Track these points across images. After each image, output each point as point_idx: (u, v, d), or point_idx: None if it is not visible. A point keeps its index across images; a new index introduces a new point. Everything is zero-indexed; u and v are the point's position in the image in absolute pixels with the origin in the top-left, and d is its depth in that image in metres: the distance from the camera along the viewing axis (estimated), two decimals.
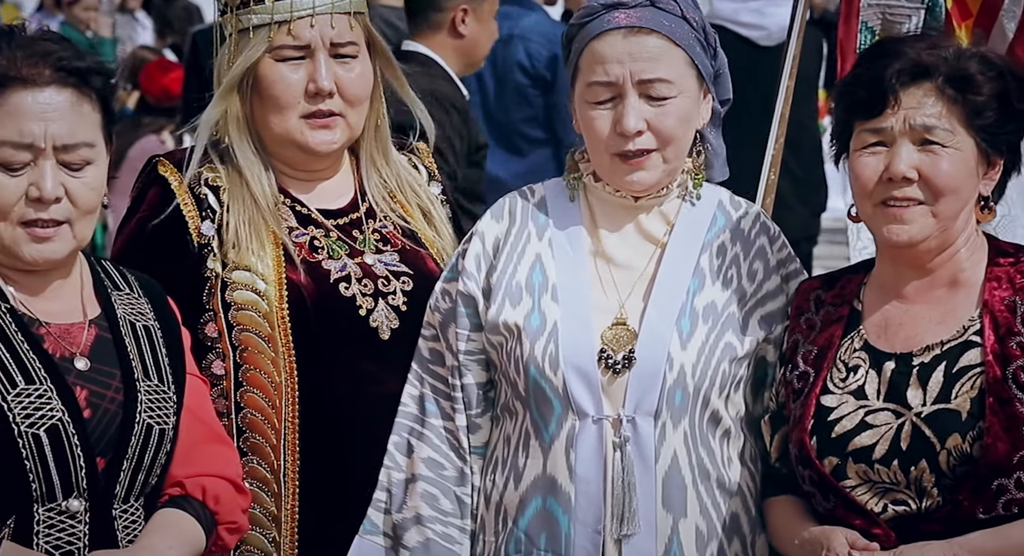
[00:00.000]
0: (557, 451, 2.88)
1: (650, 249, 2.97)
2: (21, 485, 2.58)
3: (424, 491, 2.96)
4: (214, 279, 2.97)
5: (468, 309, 2.97)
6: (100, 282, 2.78)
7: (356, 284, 3.02)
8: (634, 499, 2.84)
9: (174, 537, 2.70)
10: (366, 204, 3.10)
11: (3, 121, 2.60)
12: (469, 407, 2.98)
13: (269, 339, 2.96)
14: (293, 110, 3.00)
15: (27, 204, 2.61)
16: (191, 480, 2.76)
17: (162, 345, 2.77)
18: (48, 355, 2.64)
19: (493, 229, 3.01)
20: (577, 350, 2.88)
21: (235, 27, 3.00)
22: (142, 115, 8.29)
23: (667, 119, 2.90)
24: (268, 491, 2.97)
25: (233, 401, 2.97)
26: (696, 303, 2.92)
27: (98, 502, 2.64)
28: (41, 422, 2.59)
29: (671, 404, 2.87)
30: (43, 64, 2.62)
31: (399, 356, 3.00)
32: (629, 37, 2.89)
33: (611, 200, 2.97)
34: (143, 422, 2.68)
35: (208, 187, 3.01)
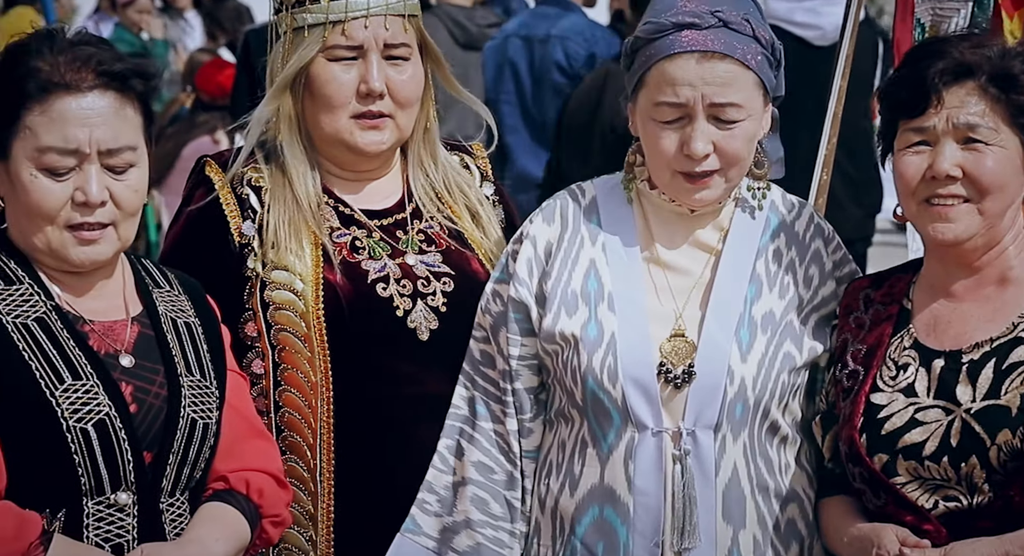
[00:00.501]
0: (615, 462, 2.87)
1: (706, 253, 2.96)
2: (70, 479, 2.61)
3: (474, 495, 2.96)
4: (254, 279, 2.99)
5: (519, 315, 2.96)
6: (142, 280, 2.81)
7: (394, 285, 3.02)
8: (695, 512, 2.83)
9: (220, 530, 2.72)
10: (412, 204, 3.11)
11: (48, 127, 2.62)
12: (521, 412, 2.98)
13: (305, 339, 2.97)
14: (344, 110, 3.01)
15: (73, 208, 2.64)
16: (235, 474, 2.79)
17: (203, 341, 2.80)
18: (93, 352, 2.67)
19: (545, 233, 2.99)
20: (636, 363, 2.86)
21: (289, 26, 3.02)
22: (196, 114, 8.35)
23: (734, 142, 2.87)
24: (305, 490, 2.99)
25: (272, 400, 2.99)
26: (754, 312, 2.91)
27: (145, 495, 2.67)
28: (89, 417, 2.62)
29: (731, 417, 2.87)
30: (85, 69, 2.64)
31: (439, 357, 3.01)
32: (702, 62, 2.84)
33: (666, 206, 2.96)
34: (187, 417, 2.71)
35: (250, 187, 3.03)
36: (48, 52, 2.65)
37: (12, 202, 2.68)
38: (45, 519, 2.60)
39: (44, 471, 2.61)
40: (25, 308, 2.66)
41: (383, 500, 2.99)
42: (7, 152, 2.65)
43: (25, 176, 2.63)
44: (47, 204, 2.63)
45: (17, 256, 2.70)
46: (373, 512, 3.00)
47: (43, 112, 2.62)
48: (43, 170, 2.63)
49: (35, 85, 2.62)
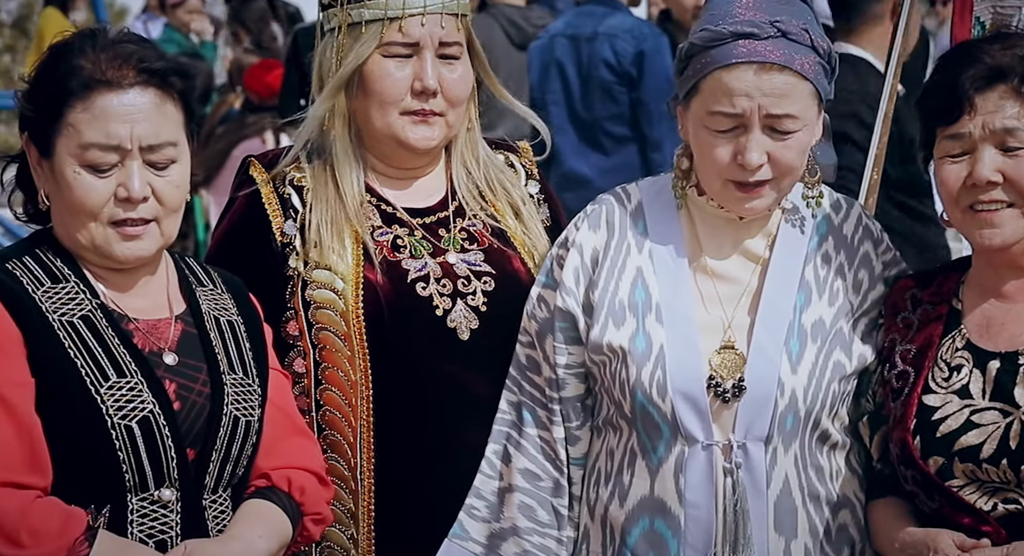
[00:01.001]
0: (665, 474, 2.85)
1: (754, 259, 2.93)
2: (115, 475, 2.63)
3: (521, 502, 2.94)
4: (296, 278, 3.00)
5: (565, 324, 2.94)
6: (185, 278, 2.83)
7: (434, 284, 3.01)
8: (748, 525, 2.80)
9: (263, 527, 2.73)
10: (456, 203, 3.11)
11: (90, 124, 2.64)
12: (568, 419, 2.96)
13: (345, 338, 2.97)
14: (396, 106, 3.01)
15: (116, 204, 2.66)
16: (277, 472, 2.80)
17: (245, 339, 2.81)
18: (137, 350, 2.69)
19: (591, 240, 2.96)
20: (685, 377, 2.84)
21: (344, 21, 3.01)
22: (246, 114, 8.38)
23: (788, 153, 2.84)
24: (346, 488, 2.99)
25: (313, 398, 2.99)
26: (804, 320, 2.88)
27: (189, 492, 2.68)
28: (133, 414, 2.63)
29: (782, 429, 2.84)
30: (126, 66, 2.66)
31: (480, 357, 3.00)
32: (760, 73, 2.80)
33: (714, 213, 2.93)
34: (230, 414, 2.73)
35: (292, 187, 3.04)
36: (90, 50, 2.67)
37: (57, 200, 2.70)
38: (90, 515, 2.61)
39: (89, 468, 2.62)
40: (71, 306, 2.68)
41: (424, 498, 3.00)
42: (51, 150, 2.68)
43: (69, 173, 2.65)
44: (90, 200, 2.65)
45: (63, 255, 2.72)
46: (414, 510, 3.00)
47: (85, 109, 2.64)
48: (86, 167, 2.65)
49: (78, 83, 2.64)
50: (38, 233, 2.77)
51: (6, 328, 2.61)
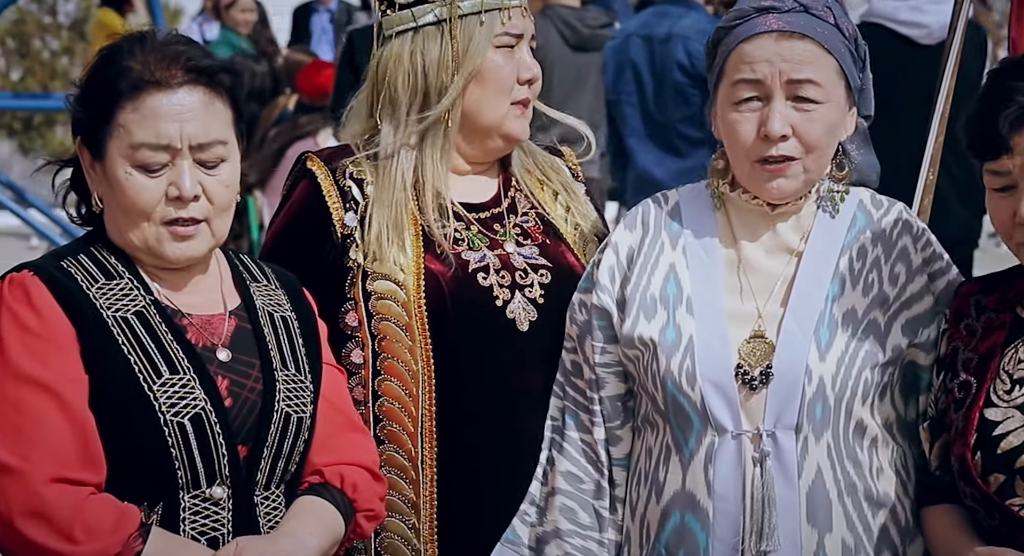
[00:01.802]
0: (696, 467, 2.83)
1: (789, 251, 2.91)
2: (167, 472, 2.64)
3: (563, 505, 2.94)
4: (356, 269, 3.00)
5: (602, 322, 2.94)
6: (239, 274, 2.84)
7: (494, 275, 3.03)
8: (773, 515, 2.77)
9: (315, 524, 2.73)
10: (508, 200, 3.13)
11: (140, 124, 2.66)
12: (609, 420, 2.96)
13: (407, 328, 2.98)
14: (508, 97, 3.05)
15: (167, 204, 2.67)
16: (329, 468, 2.80)
17: (299, 335, 2.82)
18: (191, 346, 2.70)
19: (627, 239, 2.97)
20: (714, 365, 2.82)
21: (452, 14, 3.02)
22: (299, 115, 8.41)
23: (813, 126, 2.83)
24: (406, 478, 2.99)
25: (371, 390, 3.00)
26: (835, 310, 2.85)
27: (240, 489, 2.69)
28: (185, 411, 2.64)
29: (812, 417, 2.80)
30: (174, 66, 2.68)
31: (538, 348, 3.01)
32: (781, 40, 2.82)
33: (747, 207, 2.92)
34: (282, 411, 2.73)
35: (352, 180, 3.05)
36: (139, 52, 2.69)
37: (110, 202, 2.72)
38: (143, 512, 2.62)
39: (142, 465, 2.63)
40: (125, 302, 2.69)
41: (485, 487, 3.00)
42: (103, 152, 2.69)
43: (120, 174, 2.67)
44: (142, 200, 2.66)
45: (117, 252, 2.74)
46: (476, 499, 3.00)
47: (135, 109, 2.66)
48: (137, 167, 2.66)
49: (127, 83, 2.66)
50: (92, 232, 2.79)
51: (60, 325, 2.62)
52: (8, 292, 2.64)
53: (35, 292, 2.63)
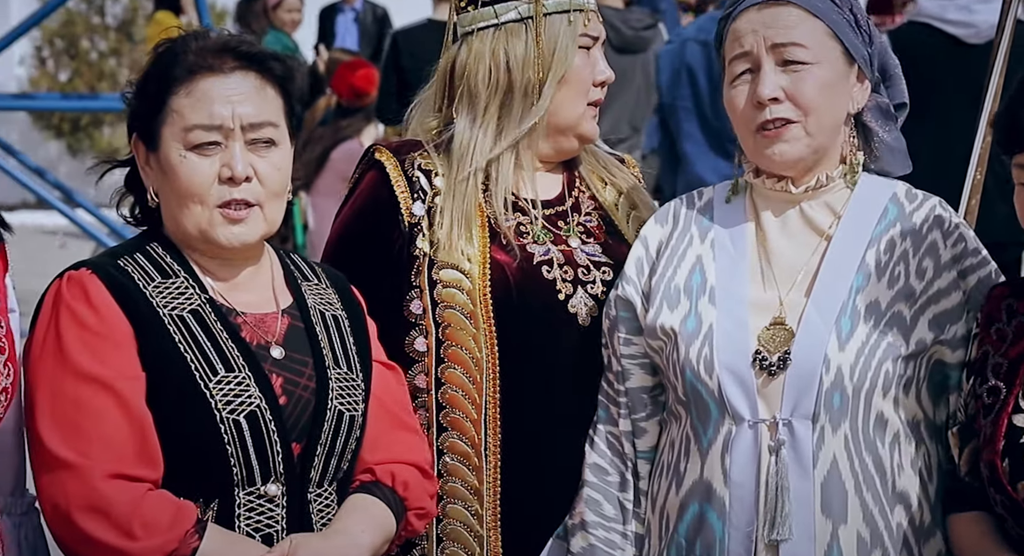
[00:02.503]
0: (714, 456, 2.83)
1: (815, 241, 2.90)
2: (223, 469, 2.66)
3: (588, 497, 2.96)
4: (422, 258, 3.03)
5: (627, 313, 2.96)
6: (290, 273, 2.87)
7: (557, 269, 3.05)
8: (787, 504, 2.76)
9: (367, 521, 2.75)
10: (572, 199, 3.15)
11: (194, 106, 2.71)
12: (634, 411, 2.97)
13: (471, 316, 3.01)
14: (587, 97, 3.09)
15: (220, 185, 2.71)
16: (381, 466, 2.82)
17: (349, 333, 2.84)
18: (245, 344, 2.72)
19: (656, 233, 2.99)
20: (731, 352, 2.82)
21: (538, 11, 3.04)
22: (339, 118, 8.42)
23: (804, 85, 2.83)
24: (469, 465, 3.02)
25: (434, 377, 3.02)
26: (858, 301, 2.84)
27: (294, 486, 2.71)
28: (241, 409, 2.67)
29: (829, 407, 2.80)
30: (226, 53, 2.74)
31: (597, 344, 3.03)
32: (764, 9, 2.86)
33: (772, 195, 2.92)
34: (335, 409, 2.75)
35: (420, 170, 3.08)
36: (193, 43, 2.75)
37: (165, 191, 2.75)
38: (199, 508, 2.65)
39: (198, 462, 2.66)
40: (181, 300, 2.72)
41: (548, 475, 3.02)
42: (157, 141, 2.74)
43: (174, 157, 2.71)
44: (196, 182, 2.70)
45: (172, 251, 2.77)
46: (539, 486, 3.02)
47: (188, 94, 2.71)
48: (191, 149, 2.71)
49: (181, 70, 2.72)
50: (148, 231, 2.82)
51: (118, 323, 2.66)
52: (67, 290, 2.67)
53: (93, 290, 2.67)
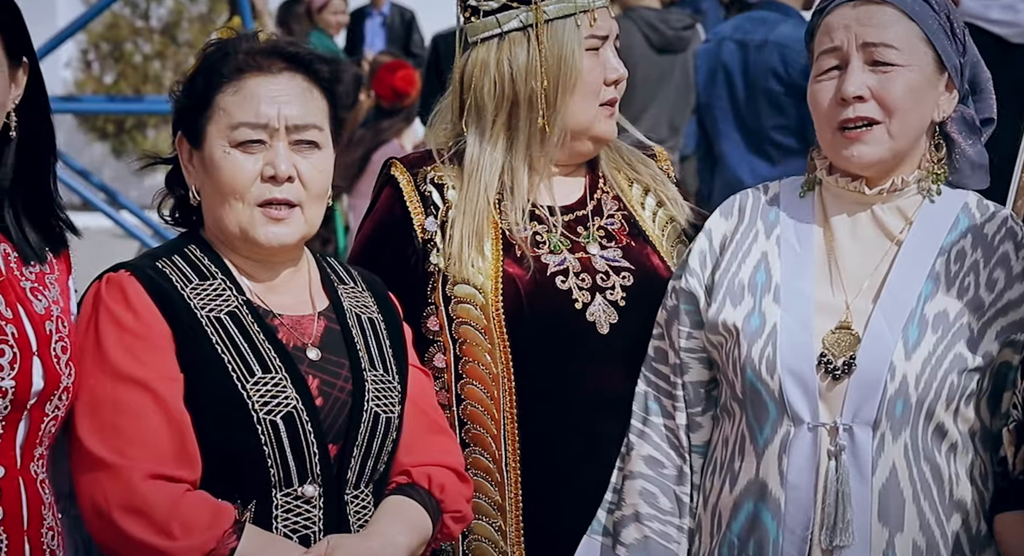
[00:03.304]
0: (770, 457, 2.82)
1: (884, 246, 2.88)
2: (260, 470, 2.67)
3: (643, 489, 2.95)
4: (436, 273, 3.03)
5: (689, 306, 2.94)
6: (327, 276, 2.88)
7: (573, 278, 3.03)
8: (848, 510, 2.75)
9: (403, 523, 2.76)
10: (594, 201, 3.13)
11: (240, 104, 2.73)
12: (690, 405, 2.96)
13: (485, 331, 3.00)
14: (597, 98, 3.05)
15: (262, 183, 2.73)
16: (417, 469, 2.83)
17: (385, 337, 2.85)
18: (282, 345, 2.74)
19: (721, 226, 2.97)
20: (796, 354, 2.81)
21: (539, 19, 3.01)
22: (379, 120, 8.43)
23: (891, 86, 2.81)
24: (491, 481, 3.02)
25: (454, 393, 3.02)
26: (927, 310, 2.82)
27: (331, 488, 2.72)
28: (278, 409, 2.68)
29: (891, 415, 2.78)
30: (275, 54, 2.77)
31: (619, 351, 3.01)
32: (858, 6, 2.84)
33: (845, 195, 2.90)
34: (371, 410, 2.76)
35: (433, 185, 3.07)
36: (243, 43, 2.78)
37: (207, 189, 2.77)
38: (237, 509, 2.66)
39: (236, 463, 2.67)
40: (218, 302, 2.74)
41: (569, 489, 3.01)
42: (202, 139, 2.75)
43: (219, 154, 2.73)
44: (239, 179, 2.72)
45: (210, 252, 2.79)
46: (560, 501, 3.01)
47: (236, 92, 2.73)
48: (235, 146, 2.73)
49: (229, 69, 2.74)
50: (187, 232, 2.85)
51: (156, 324, 2.67)
52: (106, 291, 2.70)
53: (132, 292, 2.69)
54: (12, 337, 2.50)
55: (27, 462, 2.55)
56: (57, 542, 2.60)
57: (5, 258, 2.59)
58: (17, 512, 2.52)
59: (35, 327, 2.55)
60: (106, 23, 17.33)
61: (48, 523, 2.58)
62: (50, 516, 2.59)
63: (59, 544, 2.60)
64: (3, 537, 2.49)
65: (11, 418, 2.51)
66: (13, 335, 2.51)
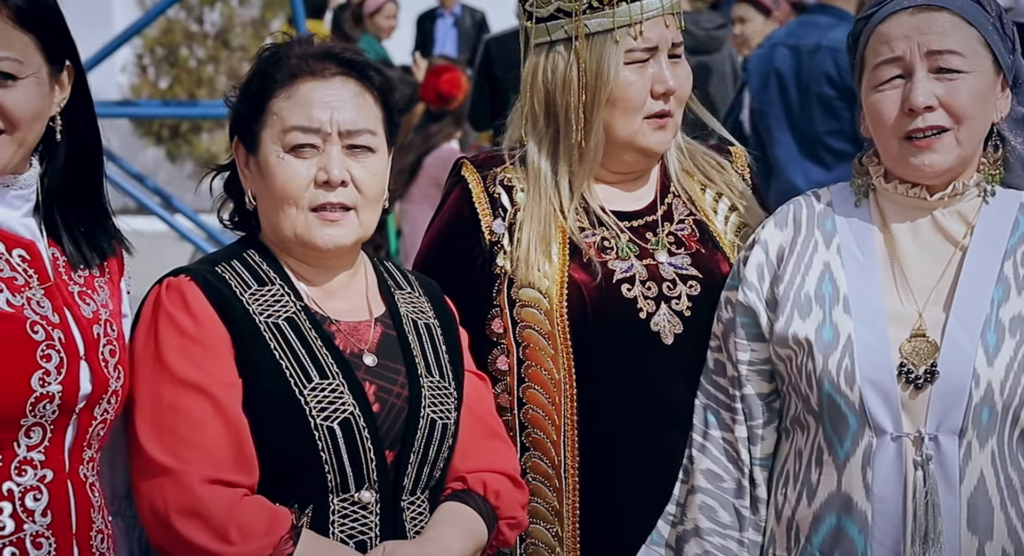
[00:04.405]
0: (852, 469, 2.79)
1: (948, 251, 2.85)
2: (317, 476, 2.68)
3: (703, 503, 2.93)
4: (502, 276, 3.02)
5: (747, 319, 2.92)
6: (384, 282, 2.89)
7: (639, 286, 3.01)
8: (939, 520, 2.72)
9: (459, 530, 2.76)
10: (664, 207, 3.11)
11: (294, 109, 2.74)
12: (750, 418, 2.93)
13: (549, 336, 2.99)
14: (641, 112, 3.02)
15: (316, 188, 2.74)
16: (472, 475, 2.83)
17: (442, 342, 2.86)
18: (339, 351, 2.74)
19: (777, 237, 2.94)
20: (874, 364, 2.77)
21: (579, 32, 3.00)
22: (429, 124, 8.44)
23: (960, 93, 2.78)
24: (550, 486, 3.01)
25: (516, 397, 3.01)
26: (1002, 315, 2.78)
27: (387, 494, 2.72)
28: (335, 415, 2.68)
29: (977, 422, 2.75)
30: (328, 59, 2.77)
31: (684, 361, 2.99)
32: (917, 14, 2.80)
33: (903, 201, 2.87)
34: (427, 417, 2.76)
35: (502, 186, 3.07)
36: (296, 48, 2.79)
37: (263, 195, 2.78)
38: (294, 514, 2.67)
39: (293, 467, 2.68)
40: (276, 308, 2.75)
41: (628, 497, 3.00)
42: (257, 144, 2.77)
43: (273, 159, 2.74)
44: (293, 184, 2.73)
45: (269, 258, 2.80)
46: (619, 509, 3.00)
47: (289, 97, 2.74)
48: (288, 151, 2.74)
49: (283, 74, 2.76)
50: (246, 237, 2.86)
51: (216, 330, 2.69)
52: (166, 296, 2.71)
53: (192, 297, 2.70)
54: (59, 342, 2.52)
55: (75, 466, 2.57)
56: (107, 545, 2.61)
57: (53, 263, 2.61)
58: (66, 515, 2.53)
59: (82, 331, 2.57)
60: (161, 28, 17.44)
61: (97, 526, 2.59)
62: (100, 519, 2.60)
63: (109, 547, 2.61)
64: (52, 540, 2.51)
65: (59, 422, 2.53)
66: (60, 340, 2.52)
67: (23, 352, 2.48)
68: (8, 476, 2.48)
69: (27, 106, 2.52)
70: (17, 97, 2.51)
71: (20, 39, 2.51)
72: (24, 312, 2.50)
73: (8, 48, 2.50)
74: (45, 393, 2.48)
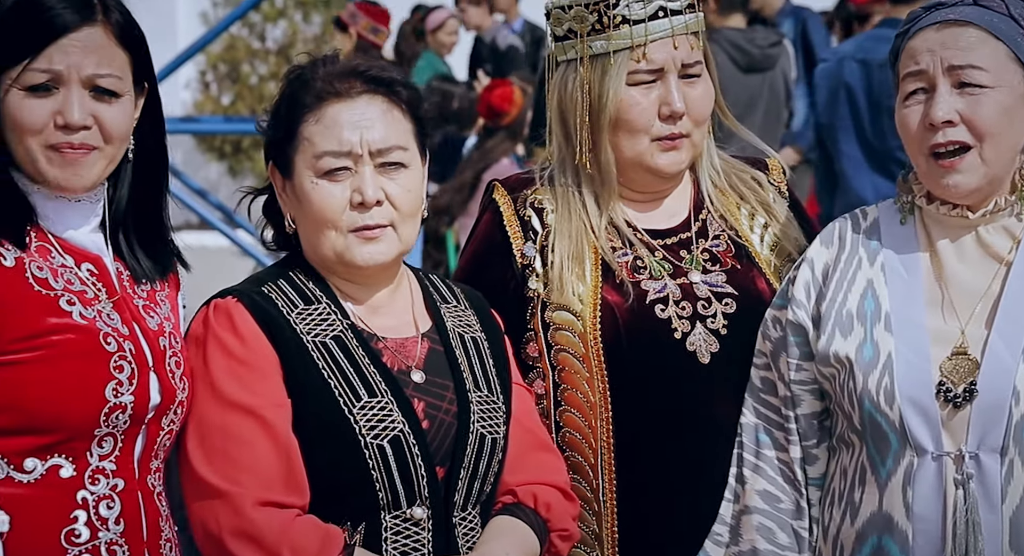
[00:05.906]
0: (894, 488, 2.76)
1: (992, 268, 2.81)
2: (369, 494, 2.69)
3: (760, 524, 2.91)
4: (535, 299, 3.01)
5: (798, 338, 2.89)
6: (430, 296, 2.89)
7: (673, 306, 2.99)
8: (980, 540, 2.69)
9: (512, 543, 2.76)
10: (699, 223, 3.09)
11: (323, 134, 2.75)
12: (805, 438, 2.91)
13: (584, 359, 2.97)
14: (647, 134, 3.00)
15: (352, 210, 2.75)
16: (522, 488, 2.83)
17: (489, 356, 2.86)
18: (387, 369, 2.75)
19: (823, 255, 2.92)
20: (914, 383, 2.75)
21: (584, 54, 3.01)
22: (485, 140, 8.45)
23: (981, 109, 2.74)
24: (590, 510, 2.99)
25: (553, 420, 3.00)
26: None
27: (439, 510, 2.73)
28: (385, 433, 2.69)
29: (1019, 440, 2.71)
30: (353, 77, 2.77)
31: (721, 380, 2.97)
32: (942, 29, 2.77)
33: (946, 220, 2.83)
34: (476, 432, 2.77)
35: (533, 209, 3.06)
36: (321, 67, 2.79)
37: (301, 219, 2.80)
38: (346, 532, 2.68)
39: (345, 486, 2.69)
40: (323, 327, 2.76)
41: (667, 520, 2.98)
42: (291, 169, 2.78)
43: (307, 185, 2.75)
44: (329, 208, 2.74)
45: (314, 277, 2.81)
46: (658, 532, 2.98)
47: (318, 121, 2.75)
48: (322, 176, 2.75)
49: (310, 97, 2.76)
50: (289, 256, 2.87)
51: (264, 351, 2.70)
52: (213, 318, 2.73)
53: (239, 319, 2.72)
54: (130, 353, 2.56)
55: (144, 475, 2.61)
56: (175, 554, 2.65)
57: (119, 277, 2.65)
58: (137, 524, 2.58)
59: (150, 343, 2.61)
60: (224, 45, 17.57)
61: (166, 535, 2.64)
62: (167, 528, 2.64)
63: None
64: (125, 548, 2.55)
65: (129, 432, 2.57)
66: (131, 351, 2.57)
67: (97, 363, 2.53)
68: (82, 485, 2.53)
69: (124, 124, 2.59)
70: (116, 114, 2.57)
71: (120, 57, 2.58)
72: (96, 324, 2.55)
73: (112, 65, 2.56)
74: (118, 403, 2.53)
